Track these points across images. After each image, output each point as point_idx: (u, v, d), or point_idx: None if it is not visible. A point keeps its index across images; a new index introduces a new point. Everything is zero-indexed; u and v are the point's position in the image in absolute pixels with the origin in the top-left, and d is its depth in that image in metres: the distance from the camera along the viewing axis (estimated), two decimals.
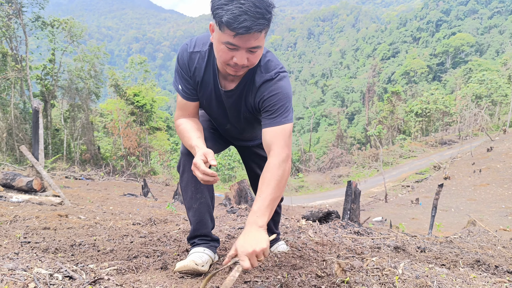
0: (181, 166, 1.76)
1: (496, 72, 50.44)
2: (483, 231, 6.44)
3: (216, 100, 1.67)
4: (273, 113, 1.52)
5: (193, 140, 1.56)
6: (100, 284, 1.26)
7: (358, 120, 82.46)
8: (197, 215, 1.75)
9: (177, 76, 1.64)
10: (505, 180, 18.57)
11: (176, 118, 1.73)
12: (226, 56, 1.39)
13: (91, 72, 26.45)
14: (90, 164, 24.47)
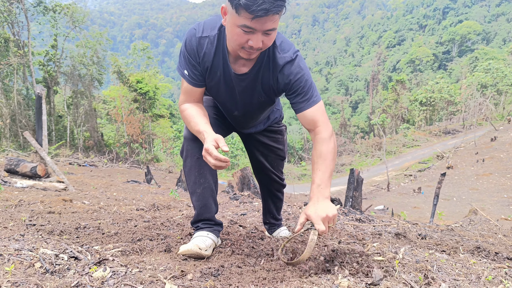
0: (184, 151, 1.74)
1: (502, 61, 49.78)
2: (484, 220, 6.46)
3: (226, 85, 1.65)
4: (305, 94, 1.58)
5: (201, 125, 1.54)
6: (105, 265, 1.29)
7: (362, 108, 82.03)
8: (200, 200, 1.75)
9: (183, 62, 1.61)
10: (508, 170, 18.52)
11: (180, 103, 1.71)
12: (241, 39, 1.38)
13: (93, 59, 26.33)
14: (94, 151, 24.60)
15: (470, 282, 1.38)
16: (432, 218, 6.68)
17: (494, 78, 42.47)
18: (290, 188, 21.25)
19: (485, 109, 38.33)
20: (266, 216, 2.34)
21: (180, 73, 1.65)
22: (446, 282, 1.33)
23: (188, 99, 1.69)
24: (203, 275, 1.28)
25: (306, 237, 1.85)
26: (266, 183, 2.24)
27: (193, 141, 1.67)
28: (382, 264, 1.51)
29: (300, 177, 31.47)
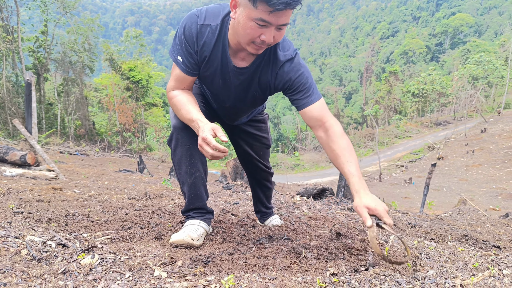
0: (173, 140, 1.69)
1: (493, 53, 50.08)
2: (473, 210, 6.56)
3: (222, 77, 1.62)
4: (307, 91, 1.59)
5: (193, 113, 1.49)
6: (93, 252, 1.27)
7: (355, 99, 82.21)
8: (192, 189, 1.73)
9: (178, 47, 1.55)
10: (497, 161, 18.79)
11: (169, 89, 1.65)
12: (254, 33, 1.35)
13: (85, 45, 25.85)
14: (85, 139, 24.35)
15: (457, 268, 1.40)
16: (422, 207, 6.77)
17: (485, 70, 42.78)
18: (283, 178, 21.34)
19: (475, 101, 38.69)
20: (257, 205, 2.35)
21: (172, 58, 1.59)
22: (433, 268, 1.34)
23: (178, 86, 1.63)
24: (193, 262, 1.28)
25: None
26: (253, 172, 2.24)
27: (183, 130, 1.63)
28: (370, 251, 1.52)
29: (293, 167, 31.59)
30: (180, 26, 1.53)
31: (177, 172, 1.73)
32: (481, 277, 1.19)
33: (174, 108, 1.61)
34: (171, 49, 1.59)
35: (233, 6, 1.39)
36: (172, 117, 1.68)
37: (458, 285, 1.11)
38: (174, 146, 1.69)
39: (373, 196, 1.40)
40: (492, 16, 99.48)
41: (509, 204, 11.51)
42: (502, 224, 3.93)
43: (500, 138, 23.15)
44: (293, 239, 1.79)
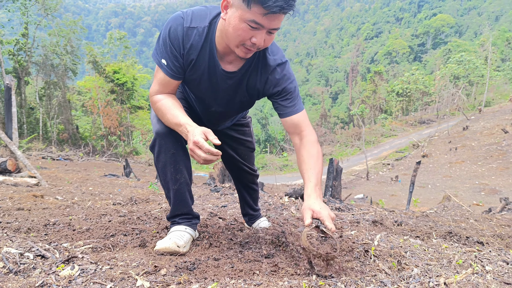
0: (156, 146, 1.61)
1: (473, 53, 51.32)
2: (457, 206, 6.69)
3: (209, 81, 1.58)
4: (293, 99, 1.60)
5: (181, 117, 1.45)
6: (73, 263, 1.24)
7: (341, 99, 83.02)
8: (177, 196, 1.70)
9: (163, 50, 1.48)
10: (479, 157, 19.23)
11: (152, 93, 1.59)
12: (245, 35, 1.33)
13: (67, 48, 25.38)
14: (68, 144, 23.89)
15: (441, 266, 1.41)
16: (408, 205, 6.87)
17: (466, 69, 43.79)
18: (271, 179, 21.37)
19: (457, 100, 39.57)
20: (244, 207, 2.33)
21: (156, 61, 1.52)
22: (418, 267, 1.35)
23: (162, 90, 1.57)
24: (178, 270, 1.25)
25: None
26: (239, 176, 2.22)
27: (167, 135, 1.58)
28: (358, 252, 1.52)
29: (282, 168, 31.69)
30: (165, 28, 1.47)
31: (161, 178, 1.68)
32: (464, 275, 1.20)
33: (158, 113, 1.55)
34: (154, 52, 1.54)
35: (224, 7, 1.36)
36: (155, 123, 1.62)
37: (442, 283, 1.12)
38: (157, 152, 1.62)
39: (323, 204, 1.41)
40: (471, 17, 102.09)
41: (491, 199, 11.78)
42: (485, 219, 4.00)
43: (481, 135, 23.71)
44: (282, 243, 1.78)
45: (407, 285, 1.16)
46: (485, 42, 51.22)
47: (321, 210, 1.37)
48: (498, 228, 3.31)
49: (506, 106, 35.02)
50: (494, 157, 18.54)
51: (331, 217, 1.37)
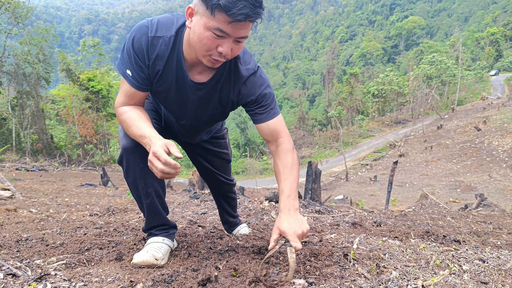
0: (124, 161, 1.53)
1: (445, 53, 53.20)
2: (434, 204, 6.87)
3: (178, 93, 1.51)
4: (268, 105, 1.55)
5: (146, 130, 1.37)
6: (46, 280, 1.18)
7: (319, 102, 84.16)
8: (151, 209, 1.63)
9: (127, 61, 1.41)
10: (454, 155, 19.88)
11: (118, 105, 1.50)
12: (211, 44, 1.27)
13: (39, 56, 24.60)
14: (43, 154, 23.12)
15: (419, 267, 1.44)
16: (387, 204, 7.00)
17: (438, 70, 45.32)
18: (252, 183, 21.34)
19: (431, 99, 40.87)
20: (223, 215, 2.31)
21: (120, 72, 1.45)
22: (397, 269, 1.37)
23: (128, 102, 1.49)
24: (155, 283, 1.22)
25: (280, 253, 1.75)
26: (216, 186, 2.17)
27: (135, 150, 1.50)
28: (337, 256, 1.53)
29: (262, 172, 31.72)
30: (129, 38, 1.40)
31: (132, 191, 1.61)
32: (441, 276, 1.22)
33: (123, 125, 1.48)
34: (119, 62, 1.46)
35: (189, 15, 1.30)
36: (122, 137, 1.54)
37: (420, 286, 1.13)
38: (126, 167, 1.54)
39: (295, 217, 1.40)
40: (442, 18, 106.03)
41: (467, 195, 12.19)
42: (462, 217, 4.13)
43: (455, 133, 24.55)
44: (262, 250, 1.76)
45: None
46: (455, 42, 53.22)
47: (287, 229, 1.35)
48: (475, 224, 3.42)
49: (478, 104, 36.44)
50: (468, 154, 19.22)
51: (299, 233, 1.35)
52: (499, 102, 32.83)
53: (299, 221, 1.39)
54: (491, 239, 2.45)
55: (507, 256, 1.74)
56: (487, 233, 2.79)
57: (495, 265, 1.53)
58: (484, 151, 18.89)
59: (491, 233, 2.79)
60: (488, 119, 24.96)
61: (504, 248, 2.07)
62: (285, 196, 1.45)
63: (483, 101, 37.75)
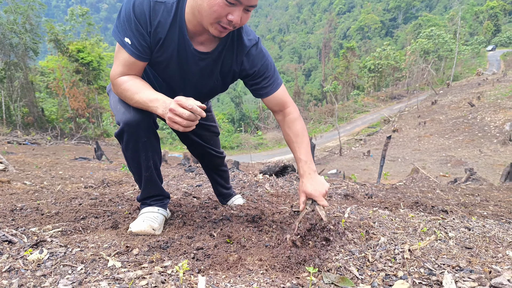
0: (125, 135, 1.46)
1: (443, 27, 52.52)
2: (425, 178, 7.01)
3: (179, 63, 1.45)
4: (271, 77, 1.57)
5: (157, 94, 1.32)
6: (42, 247, 1.21)
7: (314, 76, 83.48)
8: (148, 181, 1.63)
9: (126, 28, 1.32)
10: (446, 130, 20.06)
11: (116, 76, 1.41)
12: (221, 11, 1.24)
13: (26, 26, 23.81)
14: (34, 127, 22.88)
15: (407, 234, 1.48)
16: (379, 178, 7.12)
17: (436, 44, 44.86)
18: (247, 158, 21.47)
19: (427, 75, 40.68)
20: (217, 188, 2.33)
21: (118, 40, 1.35)
22: (385, 236, 1.41)
23: (126, 72, 1.41)
24: (151, 249, 1.25)
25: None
26: (207, 160, 2.18)
27: (138, 124, 1.44)
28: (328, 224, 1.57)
29: (257, 146, 31.84)
30: (127, 2, 1.31)
31: (130, 165, 1.59)
32: (428, 241, 1.27)
33: (126, 94, 1.38)
34: (115, 29, 1.37)
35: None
36: (122, 111, 1.46)
37: (406, 250, 1.18)
38: (126, 141, 1.49)
39: (315, 179, 1.51)
40: None
41: (457, 170, 12.41)
42: (451, 189, 4.22)
43: (449, 109, 24.66)
44: (255, 219, 1.80)
45: (373, 253, 1.21)
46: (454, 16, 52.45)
47: (313, 191, 1.47)
48: (463, 197, 3.50)
49: (473, 79, 36.42)
50: (460, 130, 19.41)
51: (323, 193, 1.48)
52: (494, 78, 32.82)
53: (320, 182, 1.50)
54: (478, 210, 2.52)
55: (492, 225, 1.80)
56: (474, 204, 2.86)
57: (480, 233, 1.59)
58: (476, 126, 19.08)
59: (478, 204, 2.87)
60: (482, 94, 25.02)
61: (489, 218, 2.13)
62: (303, 162, 1.54)
63: (479, 76, 37.70)
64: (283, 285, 0.94)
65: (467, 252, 1.26)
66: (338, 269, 1.09)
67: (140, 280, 0.94)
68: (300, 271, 1.07)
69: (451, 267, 1.08)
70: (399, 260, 1.13)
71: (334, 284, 0.97)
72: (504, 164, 11.42)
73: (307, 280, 0.98)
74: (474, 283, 0.96)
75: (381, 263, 1.13)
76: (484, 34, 63.72)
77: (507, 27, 65.88)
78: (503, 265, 1.10)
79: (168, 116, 1.23)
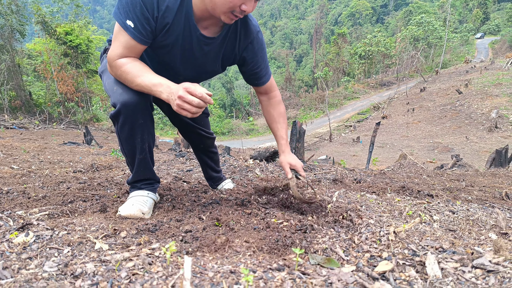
0: (121, 117, 1.44)
1: (433, 14, 52.52)
2: (412, 164, 7.11)
3: (183, 47, 1.45)
4: (266, 67, 1.71)
5: (159, 78, 1.32)
6: (28, 229, 1.20)
7: (306, 62, 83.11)
8: (142, 164, 1.63)
9: (130, 10, 1.29)
10: (434, 117, 20.30)
11: (115, 57, 1.38)
12: (236, 2, 1.27)
13: (12, 7, 23.05)
14: (22, 111, 22.43)
15: (393, 217, 1.51)
16: (368, 164, 7.20)
17: (425, 31, 44.94)
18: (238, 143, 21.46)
19: (416, 62, 40.84)
20: (207, 171, 2.33)
21: (120, 22, 1.33)
22: (372, 218, 1.44)
23: (126, 54, 1.38)
24: (139, 232, 1.25)
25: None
26: (197, 142, 2.19)
27: (136, 106, 1.42)
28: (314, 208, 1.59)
29: (248, 132, 31.82)
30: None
31: (125, 147, 1.57)
32: (412, 224, 1.30)
33: (127, 77, 1.37)
34: (116, 11, 1.34)
35: None
36: (119, 92, 1.42)
37: (391, 232, 1.20)
38: (122, 123, 1.46)
39: (294, 156, 1.77)
40: None
41: (444, 156, 12.63)
42: (437, 175, 4.30)
43: (437, 96, 24.90)
44: (244, 202, 1.81)
45: (359, 235, 1.23)
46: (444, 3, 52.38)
47: (296, 163, 1.73)
48: (448, 182, 3.57)
49: (461, 67, 36.73)
50: (448, 117, 19.66)
51: (302, 166, 1.74)
52: (482, 66, 33.14)
53: (297, 158, 1.76)
54: (463, 194, 2.58)
55: (476, 209, 1.85)
56: (459, 189, 2.92)
57: (464, 216, 1.63)
58: (463, 113, 19.34)
59: (463, 189, 2.93)
60: (470, 82, 25.30)
61: (474, 202, 2.18)
62: (284, 140, 1.78)
63: (467, 64, 38.01)
64: (269, 266, 0.95)
65: (451, 234, 1.29)
66: (324, 251, 1.11)
67: (127, 262, 0.94)
68: (287, 253, 1.09)
69: (434, 248, 1.11)
70: (384, 241, 1.16)
71: (320, 265, 0.99)
72: (490, 151, 11.66)
73: (294, 261, 1.00)
74: (457, 264, 0.98)
75: (367, 244, 1.15)
76: (473, 21, 64.01)
77: (495, 15, 66.23)
78: (485, 247, 1.13)
79: (177, 103, 1.22)
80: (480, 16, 64.52)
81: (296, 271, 0.93)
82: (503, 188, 3.08)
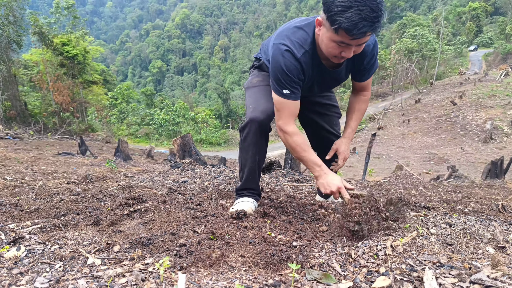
0: (247, 128, 1.83)
1: (427, 27, 53.34)
2: (408, 175, 7.12)
3: (317, 80, 1.80)
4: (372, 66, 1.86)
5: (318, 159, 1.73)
6: (20, 243, 1.17)
7: None
8: (251, 172, 1.95)
9: (284, 83, 1.63)
10: (429, 129, 20.43)
11: (284, 125, 1.73)
12: (335, 52, 1.50)
13: (9, 18, 23.11)
14: (17, 122, 22.28)
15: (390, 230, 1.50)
16: (364, 175, 7.20)
17: (420, 44, 45.56)
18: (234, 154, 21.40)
19: (411, 73, 41.29)
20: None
21: (279, 94, 1.67)
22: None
23: (292, 117, 1.74)
24: (132, 246, 1.23)
25: None
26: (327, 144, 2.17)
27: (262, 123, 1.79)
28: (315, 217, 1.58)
29: None
30: (276, 64, 1.61)
31: (242, 154, 1.92)
32: (409, 238, 1.28)
33: (296, 148, 1.74)
34: (273, 87, 1.68)
35: (318, 24, 1.53)
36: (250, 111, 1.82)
37: (389, 246, 1.19)
38: (246, 133, 1.84)
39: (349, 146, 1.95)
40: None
41: (440, 167, 12.66)
42: (433, 186, 4.30)
43: (432, 108, 25.11)
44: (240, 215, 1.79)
45: (356, 249, 1.22)
46: (438, 16, 53.29)
47: (344, 150, 1.94)
48: (445, 194, 3.57)
49: (455, 79, 37.14)
50: (443, 128, 19.79)
51: (347, 157, 1.95)
52: (476, 78, 33.55)
53: (349, 149, 1.93)
54: (459, 206, 2.57)
55: (473, 222, 1.84)
56: (456, 201, 2.92)
57: (461, 229, 1.62)
58: (458, 125, 19.49)
59: (460, 201, 2.93)
60: (464, 94, 25.56)
61: (471, 214, 2.18)
62: (351, 129, 1.98)
63: (461, 76, 38.48)
64: (265, 282, 0.93)
65: (448, 248, 1.28)
66: (321, 266, 1.09)
67: (120, 278, 0.92)
68: (283, 268, 1.07)
69: (432, 263, 1.09)
70: (381, 256, 1.14)
71: (317, 281, 0.97)
72: (485, 162, 11.71)
73: (290, 277, 0.98)
74: (455, 279, 0.97)
75: (364, 259, 1.14)
76: (467, 34, 65.04)
77: (488, 28, 67.36)
78: (483, 261, 1.12)
79: (333, 191, 1.65)
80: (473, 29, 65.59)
81: (292, 287, 0.91)
82: (499, 200, 3.09)
